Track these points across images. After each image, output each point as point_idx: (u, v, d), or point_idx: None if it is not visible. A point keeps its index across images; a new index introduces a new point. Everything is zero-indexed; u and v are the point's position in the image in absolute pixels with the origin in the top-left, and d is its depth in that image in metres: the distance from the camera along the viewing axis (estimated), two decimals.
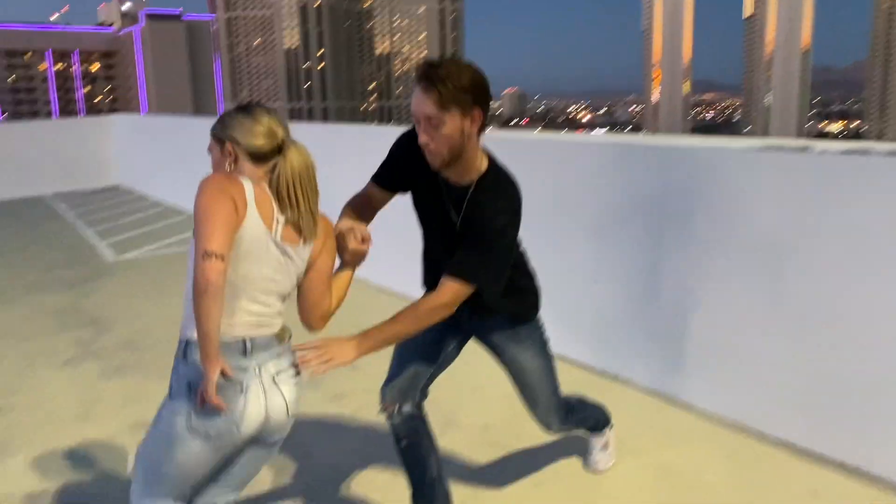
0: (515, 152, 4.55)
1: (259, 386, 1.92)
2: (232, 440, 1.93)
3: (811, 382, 3.16)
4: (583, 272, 4.15)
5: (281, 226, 1.94)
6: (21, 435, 3.69)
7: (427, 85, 2.04)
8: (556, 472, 3.14)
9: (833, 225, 3.02)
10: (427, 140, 2.10)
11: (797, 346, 3.19)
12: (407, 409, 2.57)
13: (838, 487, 2.95)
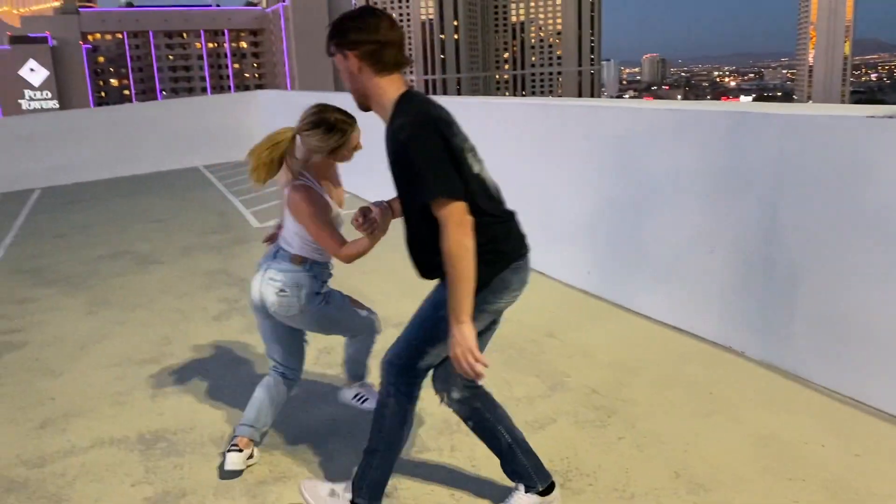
0: (630, 123, 4.57)
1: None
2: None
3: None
4: (699, 242, 4.12)
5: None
6: (176, 379, 4.17)
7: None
8: (657, 437, 3.20)
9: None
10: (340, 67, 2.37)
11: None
12: (455, 395, 2.62)
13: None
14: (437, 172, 2.17)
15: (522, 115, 5.77)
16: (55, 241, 8.18)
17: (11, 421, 3.79)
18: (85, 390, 4.11)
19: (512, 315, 4.69)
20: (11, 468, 3.31)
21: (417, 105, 2.28)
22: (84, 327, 5.18)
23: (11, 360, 4.65)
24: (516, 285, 2.51)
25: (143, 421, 3.69)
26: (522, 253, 2.52)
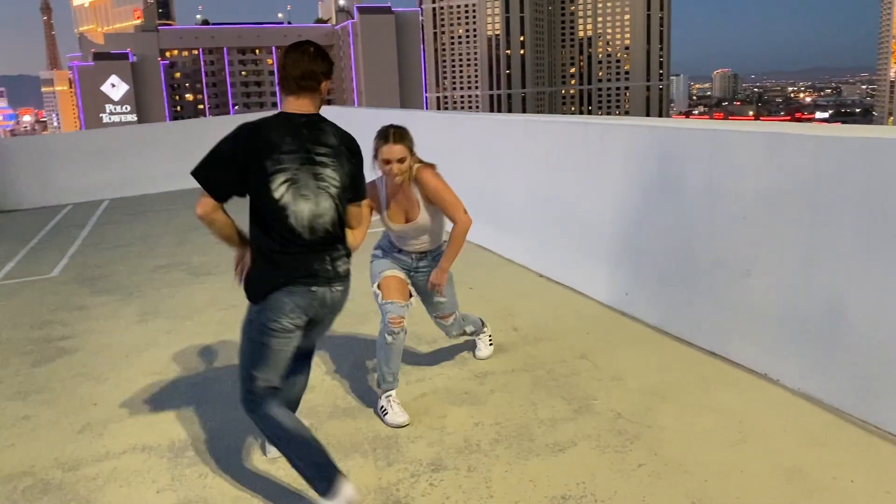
0: (670, 141, 4.50)
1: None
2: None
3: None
4: (735, 264, 4.02)
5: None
6: (211, 390, 4.28)
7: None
8: (679, 465, 3.13)
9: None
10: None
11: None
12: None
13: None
14: (207, 160, 2.71)
15: (564, 134, 5.74)
16: (116, 250, 8.51)
17: (54, 424, 3.96)
18: (126, 397, 4.25)
19: (547, 335, 4.71)
20: (48, 470, 3.45)
21: (260, 119, 2.74)
22: (132, 336, 5.37)
23: (62, 365, 4.85)
24: (292, 307, 2.75)
25: (175, 429, 3.80)
26: (301, 280, 2.73)
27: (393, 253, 3.86)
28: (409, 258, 3.84)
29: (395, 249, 3.85)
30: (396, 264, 3.84)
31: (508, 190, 6.63)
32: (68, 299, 6.47)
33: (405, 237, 3.77)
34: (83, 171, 13.17)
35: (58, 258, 8.25)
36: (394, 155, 3.49)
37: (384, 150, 3.49)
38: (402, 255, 3.85)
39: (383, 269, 3.80)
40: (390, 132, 3.50)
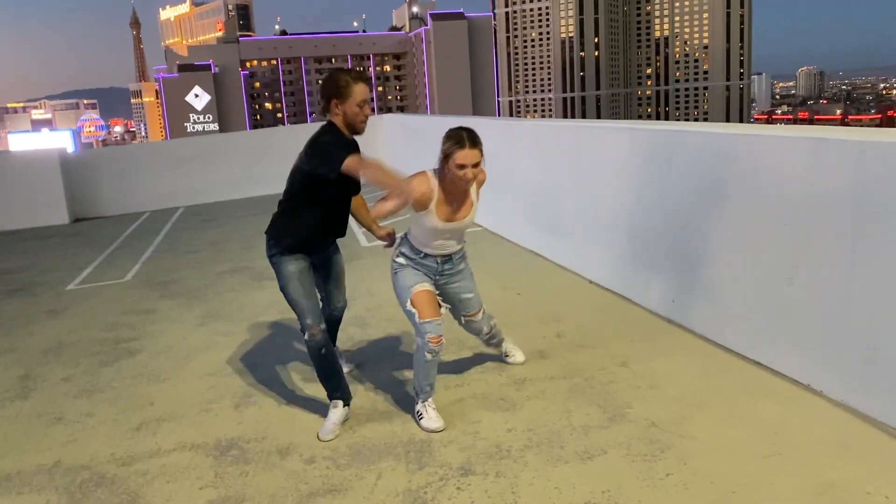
0: (713, 147, 4.44)
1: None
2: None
3: None
4: (778, 272, 3.94)
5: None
6: (260, 391, 4.45)
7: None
8: (707, 476, 3.09)
9: None
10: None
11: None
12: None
13: None
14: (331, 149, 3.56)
15: (613, 139, 5.71)
16: (185, 256, 8.89)
17: (114, 421, 4.20)
18: (180, 397, 4.47)
19: (590, 342, 4.71)
20: (104, 464, 3.67)
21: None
22: (193, 338, 5.62)
23: (126, 365, 5.13)
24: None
25: (223, 428, 3.98)
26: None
27: (417, 260, 3.77)
28: (434, 262, 3.77)
29: (418, 255, 3.77)
30: (421, 274, 3.78)
31: (560, 196, 6.62)
32: (138, 303, 6.81)
33: (442, 236, 3.68)
34: (160, 180, 13.75)
35: (132, 263, 8.68)
36: (470, 160, 3.42)
37: (460, 154, 3.41)
38: (427, 259, 3.76)
39: (412, 284, 3.73)
40: (464, 136, 3.44)
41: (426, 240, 3.72)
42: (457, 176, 3.46)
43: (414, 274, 3.77)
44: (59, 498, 3.38)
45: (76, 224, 12.51)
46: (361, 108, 3.63)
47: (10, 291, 7.70)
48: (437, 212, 3.58)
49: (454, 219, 3.63)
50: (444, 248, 3.76)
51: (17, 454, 3.86)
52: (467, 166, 3.42)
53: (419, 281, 3.75)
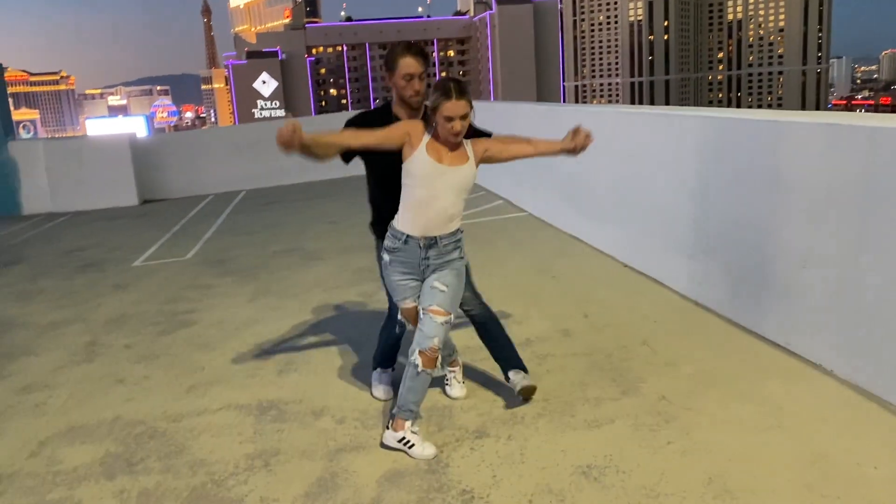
0: (730, 132, 4.54)
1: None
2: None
3: None
4: (794, 255, 4.04)
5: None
6: (301, 360, 4.78)
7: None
8: (706, 445, 3.26)
9: None
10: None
11: None
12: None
13: None
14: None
15: (646, 125, 5.83)
16: (243, 237, 9.35)
17: (168, 384, 4.59)
18: (229, 364, 4.84)
19: (615, 322, 4.90)
20: (157, 420, 4.05)
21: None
22: (244, 312, 6.00)
23: (182, 335, 5.54)
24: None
25: (265, 392, 4.32)
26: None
27: (399, 246, 3.43)
28: (417, 246, 3.38)
29: (400, 239, 3.41)
30: (407, 278, 3.48)
31: (599, 180, 6.76)
32: (196, 279, 7.26)
33: (434, 194, 3.32)
34: (224, 165, 14.35)
35: (193, 243, 9.18)
36: (458, 111, 3.19)
37: (447, 106, 3.18)
38: (410, 243, 3.38)
39: (400, 298, 3.53)
40: (451, 87, 3.21)
41: (414, 207, 3.36)
42: (445, 129, 3.23)
43: (400, 281, 3.50)
44: (116, 447, 3.77)
45: (144, 206, 13.19)
46: (409, 81, 3.50)
47: (82, 267, 8.27)
48: (427, 150, 3.28)
49: (446, 161, 3.29)
50: (435, 223, 3.35)
51: (81, 410, 4.28)
52: (455, 118, 3.20)
53: (406, 297, 3.51)
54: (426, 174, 3.29)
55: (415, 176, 3.32)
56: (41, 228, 11.37)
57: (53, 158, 13.20)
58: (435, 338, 3.34)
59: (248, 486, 3.29)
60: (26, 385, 4.73)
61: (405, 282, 3.49)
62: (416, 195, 3.35)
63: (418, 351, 3.35)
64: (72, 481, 3.45)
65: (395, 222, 3.46)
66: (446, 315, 3.38)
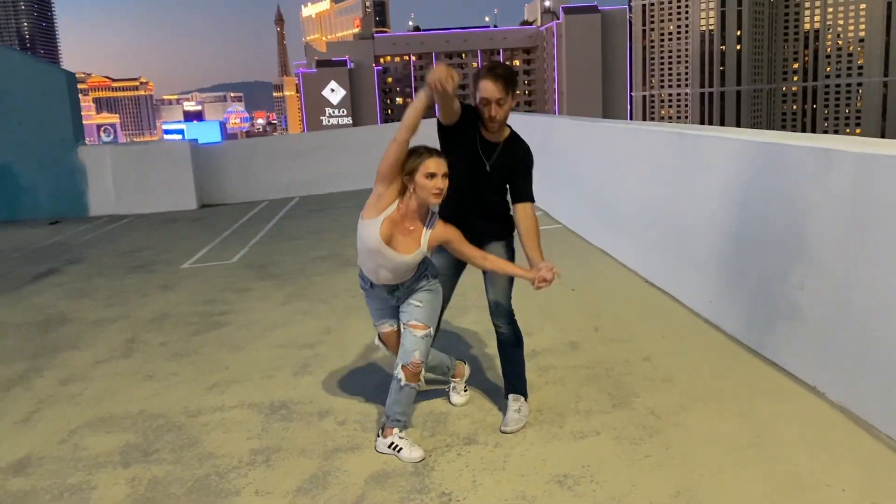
0: (746, 154, 4.57)
1: None
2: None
3: None
4: (794, 277, 4.07)
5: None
6: (317, 363, 5.02)
7: (495, 75, 3.36)
8: (683, 460, 3.34)
9: None
10: (495, 113, 3.40)
11: None
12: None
13: None
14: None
15: (664, 142, 5.89)
16: (288, 242, 9.71)
17: (193, 381, 4.88)
18: (251, 364, 5.11)
19: (623, 336, 4.99)
20: (177, 415, 4.34)
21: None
22: (274, 315, 6.29)
23: (214, 335, 5.86)
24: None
25: (278, 392, 4.57)
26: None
27: (367, 288, 3.65)
28: (383, 292, 3.57)
29: (367, 283, 3.62)
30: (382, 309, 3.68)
31: (623, 195, 6.83)
32: (236, 282, 7.61)
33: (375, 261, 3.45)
34: (279, 171, 14.85)
35: (240, 247, 9.58)
36: (441, 168, 3.26)
37: (428, 163, 3.27)
38: (375, 289, 3.59)
39: (376, 321, 3.73)
40: (426, 149, 3.30)
41: (367, 264, 3.50)
42: (427, 187, 3.26)
43: (378, 311, 3.69)
44: (136, 438, 4.06)
45: (202, 210, 13.77)
46: (485, 105, 3.39)
47: (134, 267, 8.75)
48: (382, 225, 3.35)
49: (393, 245, 3.36)
50: (388, 278, 3.47)
51: (112, 402, 4.61)
52: (438, 174, 3.26)
53: (381, 320, 3.69)
54: (371, 248, 3.38)
55: (362, 242, 3.43)
56: (104, 230, 12.01)
57: (119, 163, 13.91)
58: (416, 351, 3.51)
59: (246, 479, 3.52)
60: (67, 377, 5.10)
61: (381, 309, 3.69)
62: (365, 256, 3.47)
63: (401, 365, 3.54)
64: (91, 467, 3.75)
65: (360, 264, 3.57)
66: (425, 328, 3.53)
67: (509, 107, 3.44)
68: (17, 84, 13.66)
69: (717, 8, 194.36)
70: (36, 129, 13.69)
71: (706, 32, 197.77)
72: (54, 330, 6.30)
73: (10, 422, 4.40)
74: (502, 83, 3.35)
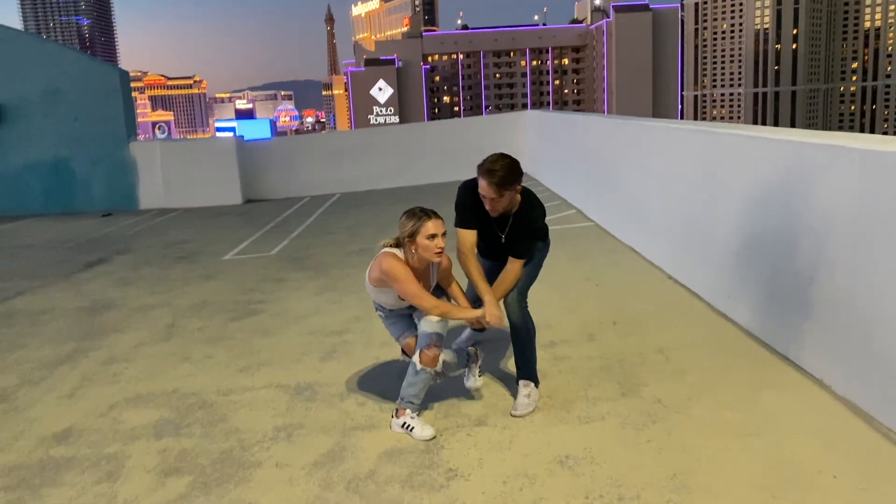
0: (757, 151, 4.61)
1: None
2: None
3: None
4: (804, 272, 4.13)
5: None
6: (343, 349, 5.24)
7: (489, 180, 3.68)
8: (682, 446, 3.45)
9: None
10: (492, 207, 3.79)
11: None
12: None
13: None
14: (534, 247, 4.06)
15: (689, 141, 5.96)
16: (326, 237, 9.99)
17: (226, 364, 5.15)
18: (282, 349, 5.36)
19: (640, 330, 5.12)
20: (208, 394, 4.60)
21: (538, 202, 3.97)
22: (307, 304, 6.54)
23: (249, 322, 6.13)
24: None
25: (304, 374, 4.80)
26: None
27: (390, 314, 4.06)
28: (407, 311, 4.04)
29: (391, 312, 4.05)
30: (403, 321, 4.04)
31: (651, 192, 6.90)
32: (274, 273, 7.90)
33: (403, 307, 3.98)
34: (321, 168, 15.20)
35: (281, 240, 9.90)
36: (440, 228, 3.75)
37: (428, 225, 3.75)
38: (395, 311, 4.03)
39: (398, 335, 4.02)
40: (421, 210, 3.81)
41: (394, 302, 3.93)
42: (430, 247, 3.68)
43: (398, 326, 4.04)
44: (170, 414, 4.33)
45: (246, 204, 14.18)
46: (483, 198, 3.79)
47: (179, 258, 9.13)
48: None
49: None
50: (402, 305, 3.98)
51: (149, 381, 4.90)
52: (438, 234, 3.68)
53: (404, 333, 4.00)
54: (395, 302, 3.91)
55: (385, 297, 3.92)
56: (153, 222, 12.49)
57: (168, 158, 14.42)
58: (432, 333, 3.74)
59: (268, 452, 3.75)
60: (110, 358, 5.42)
61: (401, 325, 4.02)
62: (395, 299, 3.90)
63: (420, 351, 3.77)
64: (127, 439, 4.03)
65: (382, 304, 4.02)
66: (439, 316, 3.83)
67: (509, 197, 3.75)
68: (73, 82, 14.27)
69: (772, 6, 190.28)
70: (90, 126, 14.28)
71: (761, 31, 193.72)
72: (101, 314, 6.66)
73: (57, 396, 4.72)
74: (495, 188, 3.67)
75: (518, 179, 3.73)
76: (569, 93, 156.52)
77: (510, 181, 3.68)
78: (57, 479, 3.62)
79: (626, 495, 3.09)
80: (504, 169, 3.66)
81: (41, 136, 14.28)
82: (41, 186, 14.40)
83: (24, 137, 14.29)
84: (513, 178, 3.69)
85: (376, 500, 3.22)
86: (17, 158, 14.37)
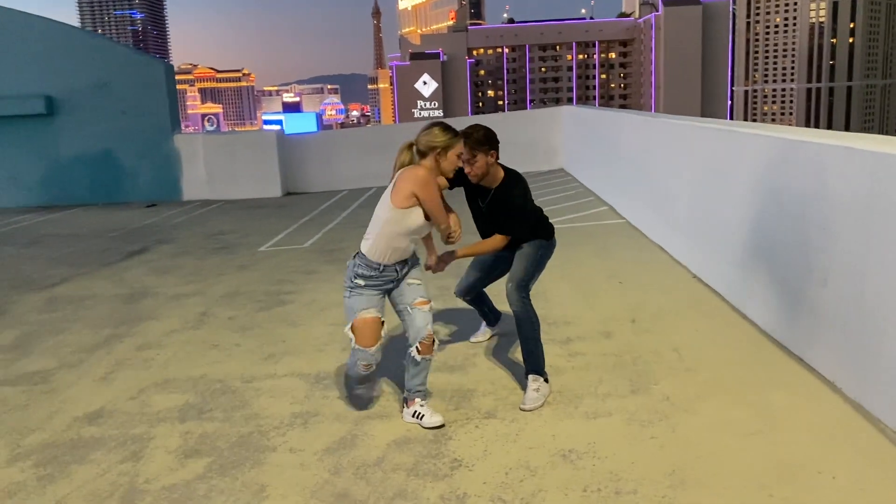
0: (774, 150, 4.61)
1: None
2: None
3: None
4: (817, 273, 4.12)
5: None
6: None
7: (464, 140, 3.87)
8: (686, 443, 3.50)
9: None
10: (470, 171, 4.07)
11: None
12: (469, 298, 4.89)
13: None
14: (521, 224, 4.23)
15: (712, 139, 5.94)
16: (358, 230, 10.10)
17: (252, 352, 5.33)
18: (306, 338, 5.52)
19: (657, 328, 5.15)
20: (233, 381, 4.78)
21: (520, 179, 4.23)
22: (333, 296, 6.70)
23: (277, 312, 6.31)
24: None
25: (325, 363, 4.95)
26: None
27: (376, 276, 3.84)
28: (394, 271, 3.87)
29: (377, 269, 3.83)
30: (375, 297, 3.89)
31: (677, 190, 6.89)
32: (305, 265, 8.09)
33: (412, 236, 3.84)
34: (359, 162, 15.38)
35: (315, 233, 10.10)
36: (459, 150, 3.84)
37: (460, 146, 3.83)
38: (387, 271, 3.84)
39: (360, 308, 3.85)
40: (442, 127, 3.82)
41: (397, 243, 3.77)
42: (454, 162, 3.74)
43: (367, 299, 3.85)
44: (195, 398, 4.52)
45: (286, 197, 14.46)
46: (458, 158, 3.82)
47: (216, 248, 9.39)
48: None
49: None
50: (406, 251, 3.85)
51: (178, 366, 5.10)
52: (461, 157, 3.83)
53: (368, 306, 3.85)
54: (416, 228, 3.77)
55: (401, 227, 3.74)
56: (194, 213, 12.83)
57: (211, 151, 14.77)
58: (427, 325, 3.86)
59: (284, 438, 3.90)
60: (143, 343, 5.65)
61: (374, 296, 3.87)
62: (399, 242, 3.78)
63: (417, 342, 3.87)
64: (153, 421, 4.22)
65: (371, 255, 3.82)
66: (429, 302, 3.96)
67: (484, 163, 4.01)
68: (120, 75, 14.70)
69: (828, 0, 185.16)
70: (137, 118, 14.70)
71: (816, 25, 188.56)
72: (137, 302, 6.92)
73: (91, 379, 4.95)
74: (468, 148, 3.93)
75: (491, 144, 4.01)
76: (615, 87, 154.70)
77: (482, 143, 3.97)
78: (85, 457, 3.82)
79: (624, 489, 3.16)
80: (478, 131, 3.98)
81: (90, 129, 14.75)
82: (89, 177, 14.88)
83: (73, 130, 14.78)
84: (485, 141, 3.99)
85: (381, 487, 3.34)
86: (67, 150, 14.87)
